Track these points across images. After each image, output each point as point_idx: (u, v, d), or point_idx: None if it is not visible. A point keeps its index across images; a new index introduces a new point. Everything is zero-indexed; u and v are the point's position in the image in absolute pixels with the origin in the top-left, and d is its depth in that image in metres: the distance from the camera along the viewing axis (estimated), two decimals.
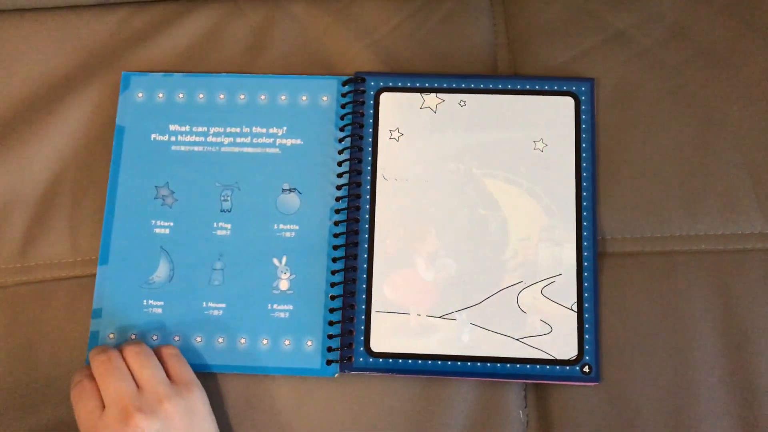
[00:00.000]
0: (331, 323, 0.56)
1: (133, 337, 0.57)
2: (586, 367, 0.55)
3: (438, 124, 0.60)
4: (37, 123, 0.62)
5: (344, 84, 0.61)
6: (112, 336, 0.57)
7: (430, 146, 0.59)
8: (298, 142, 0.60)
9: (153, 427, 0.48)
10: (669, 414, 0.55)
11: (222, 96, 0.61)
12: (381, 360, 0.56)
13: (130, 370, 0.51)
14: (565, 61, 0.62)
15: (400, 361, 0.56)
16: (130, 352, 0.52)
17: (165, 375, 0.52)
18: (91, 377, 0.51)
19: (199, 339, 0.56)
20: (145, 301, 0.57)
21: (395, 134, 0.60)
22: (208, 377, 0.56)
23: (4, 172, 0.61)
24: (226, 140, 0.60)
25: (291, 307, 0.57)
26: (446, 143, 0.59)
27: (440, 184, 0.59)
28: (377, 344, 0.56)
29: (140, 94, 0.61)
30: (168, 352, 0.54)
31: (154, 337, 0.57)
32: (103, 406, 0.49)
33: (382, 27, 0.63)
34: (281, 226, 0.58)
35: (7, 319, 0.58)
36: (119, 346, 0.53)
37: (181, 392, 0.51)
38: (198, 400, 0.51)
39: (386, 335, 0.56)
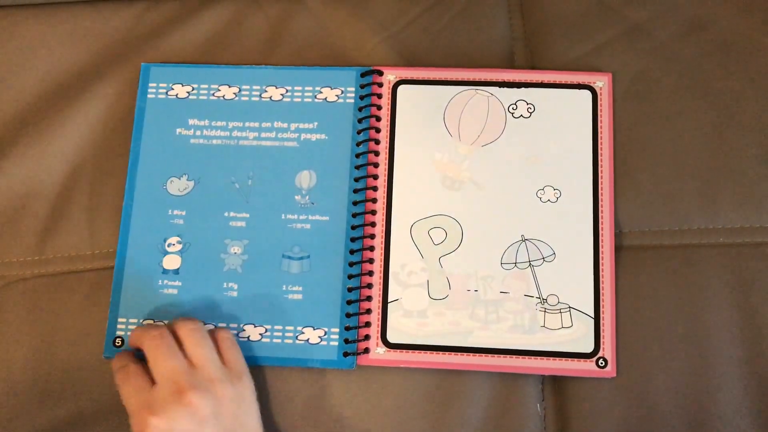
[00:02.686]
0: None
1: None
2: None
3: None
4: (55, 117, 0.62)
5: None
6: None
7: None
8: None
9: (205, 405, 0.47)
10: (686, 407, 0.55)
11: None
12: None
13: (182, 347, 0.51)
14: (582, 54, 0.62)
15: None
16: (184, 328, 0.51)
17: (218, 357, 0.51)
18: (136, 360, 0.52)
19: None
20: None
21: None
22: None
23: (24, 165, 0.61)
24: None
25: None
26: None
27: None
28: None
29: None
30: (223, 336, 0.53)
31: None
32: (152, 384, 0.49)
33: (398, 21, 0.64)
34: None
35: (26, 311, 0.58)
36: (170, 322, 0.53)
37: (232, 378, 0.50)
38: (247, 389, 0.51)
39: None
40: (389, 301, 0.57)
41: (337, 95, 0.61)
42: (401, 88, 0.60)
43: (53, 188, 0.61)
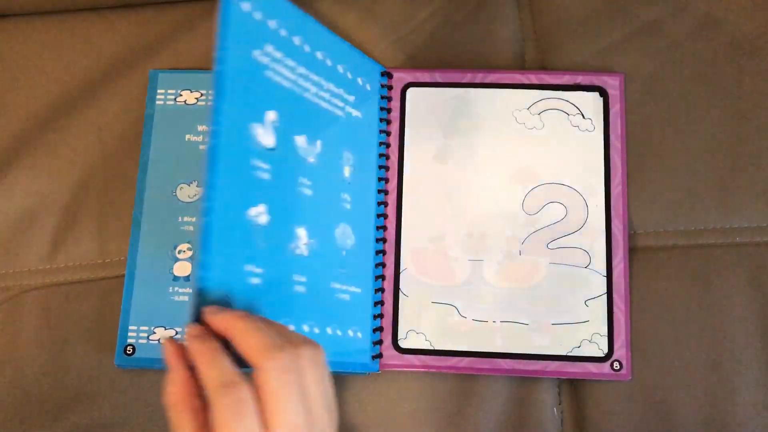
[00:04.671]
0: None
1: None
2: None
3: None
4: (64, 124, 0.62)
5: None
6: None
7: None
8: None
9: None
10: (703, 409, 0.54)
11: None
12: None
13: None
14: (593, 54, 0.61)
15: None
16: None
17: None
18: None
19: None
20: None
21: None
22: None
23: (33, 175, 0.61)
24: None
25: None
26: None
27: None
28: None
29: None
30: None
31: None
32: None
33: (407, 23, 0.63)
34: None
35: (38, 320, 0.58)
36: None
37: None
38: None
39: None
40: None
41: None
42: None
43: (63, 197, 0.60)
